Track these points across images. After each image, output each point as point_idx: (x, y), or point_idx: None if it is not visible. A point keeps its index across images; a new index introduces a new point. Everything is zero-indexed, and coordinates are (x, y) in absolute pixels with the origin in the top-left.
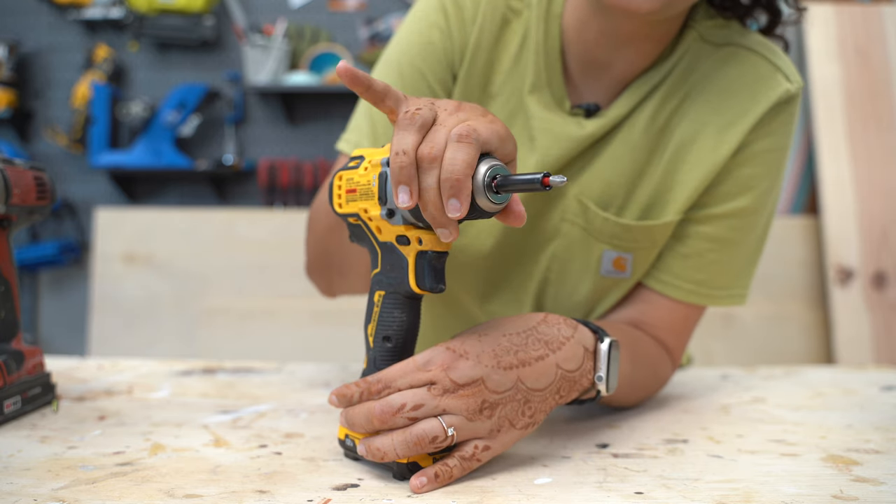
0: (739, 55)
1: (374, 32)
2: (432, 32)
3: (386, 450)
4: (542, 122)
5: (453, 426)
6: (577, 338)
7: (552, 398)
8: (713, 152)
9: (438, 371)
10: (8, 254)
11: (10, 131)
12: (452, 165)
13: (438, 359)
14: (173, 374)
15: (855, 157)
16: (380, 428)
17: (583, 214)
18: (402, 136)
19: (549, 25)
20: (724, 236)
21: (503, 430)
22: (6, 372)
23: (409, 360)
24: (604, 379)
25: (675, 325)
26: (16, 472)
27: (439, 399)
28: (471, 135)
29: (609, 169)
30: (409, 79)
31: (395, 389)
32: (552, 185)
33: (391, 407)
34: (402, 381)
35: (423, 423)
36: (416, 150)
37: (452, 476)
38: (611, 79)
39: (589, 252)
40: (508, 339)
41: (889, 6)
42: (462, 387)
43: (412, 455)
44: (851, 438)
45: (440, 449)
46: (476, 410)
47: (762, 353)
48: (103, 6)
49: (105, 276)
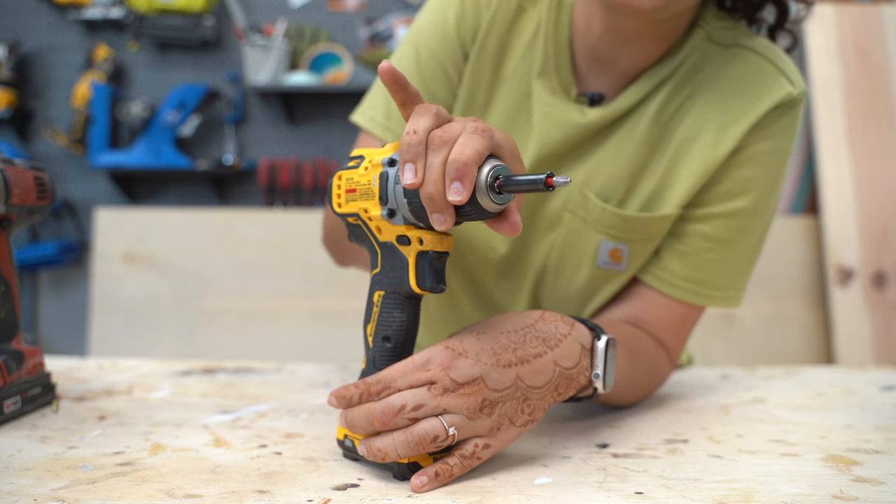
0: (745, 56)
1: (374, 32)
2: (448, 13)
3: (387, 450)
4: (545, 105)
5: (454, 425)
6: (574, 335)
7: (550, 395)
8: (712, 149)
9: (438, 370)
10: (8, 254)
11: (10, 131)
12: (463, 148)
13: (438, 358)
14: (173, 374)
15: (855, 157)
16: (381, 429)
17: (583, 205)
18: (417, 118)
19: (560, 14)
20: (721, 236)
21: (503, 427)
22: (6, 372)
23: (409, 359)
24: (600, 377)
25: (672, 323)
26: (16, 472)
27: (440, 398)
28: (487, 131)
29: (612, 161)
30: (425, 60)
31: (395, 390)
32: (555, 185)
33: (392, 408)
34: (401, 382)
35: (424, 423)
36: (428, 132)
37: (453, 475)
38: (616, 73)
39: (586, 242)
40: (506, 337)
41: (889, 6)
42: (462, 385)
43: (413, 455)
44: (851, 438)
45: (441, 448)
46: (476, 409)
47: (762, 353)
48: (103, 6)
49: (105, 276)
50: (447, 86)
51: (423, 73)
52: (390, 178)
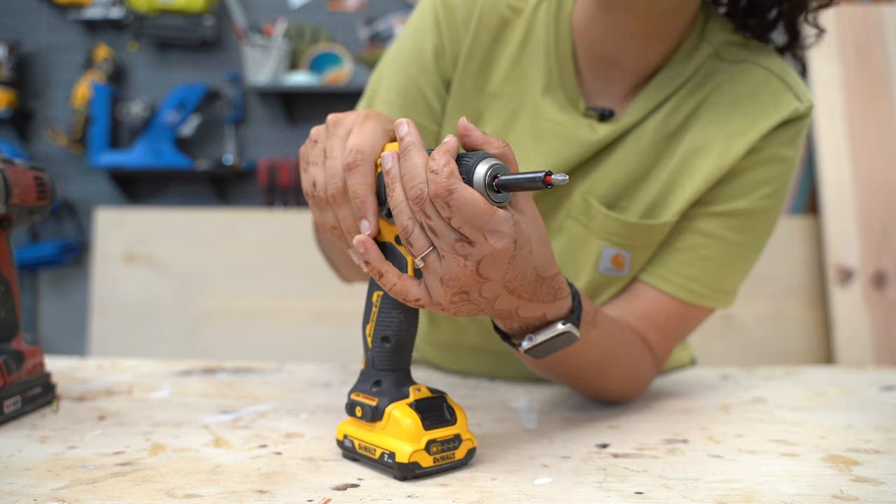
0: (753, 71)
1: (374, 32)
2: (425, 40)
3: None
4: (554, 125)
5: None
6: (558, 305)
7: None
8: (718, 159)
9: (482, 246)
10: (8, 254)
11: (10, 131)
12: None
13: (495, 244)
14: (173, 374)
15: (855, 157)
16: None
17: (586, 211)
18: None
19: (559, 26)
20: (717, 233)
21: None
22: (6, 372)
23: (481, 200)
24: (529, 343)
25: (659, 319)
26: (16, 472)
27: (455, 252)
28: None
29: (616, 170)
30: (404, 86)
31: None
32: (554, 183)
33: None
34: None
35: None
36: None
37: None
38: (621, 77)
39: (588, 249)
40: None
41: (889, 6)
42: (476, 275)
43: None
44: (851, 438)
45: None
46: (459, 289)
47: (762, 353)
48: (103, 6)
49: (105, 276)
50: (429, 113)
51: (401, 93)
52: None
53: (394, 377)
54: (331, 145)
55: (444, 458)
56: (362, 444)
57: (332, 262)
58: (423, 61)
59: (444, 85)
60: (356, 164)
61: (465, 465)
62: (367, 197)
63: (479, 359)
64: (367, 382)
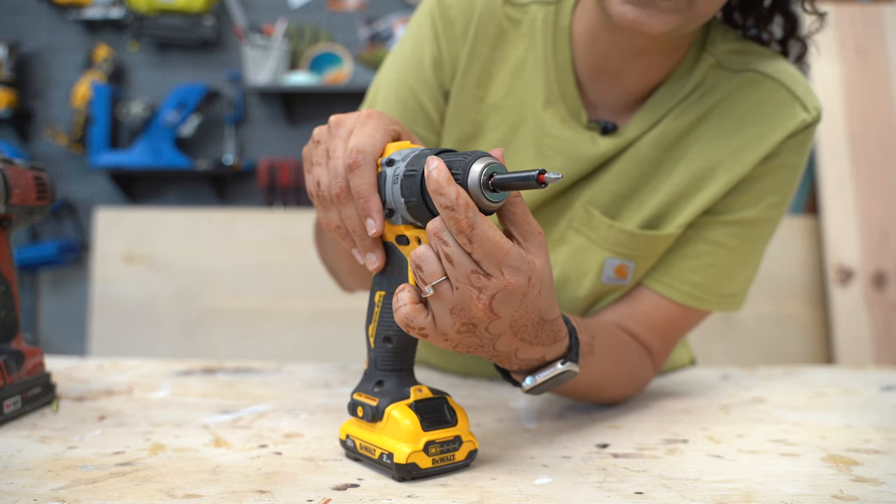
0: (758, 81)
1: (374, 32)
2: (423, 50)
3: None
4: (557, 141)
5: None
6: (555, 348)
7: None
8: (726, 174)
9: (498, 279)
10: (8, 254)
11: (10, 131)
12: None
13: (511, 278)
14: (173, 374)
15: (855, 157)
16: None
17: (588, 222)
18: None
19: (557, 38)
20: (724, 241)
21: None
22: (6, 372)
23: (505, 240)
24: (531, 383)
25: (661, 324)
26: (16, 472)
27: (469, 284)
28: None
29: (617, 181)
30: (403, 97)
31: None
32: (547, 181)
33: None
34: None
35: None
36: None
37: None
38: (623, 90)
39: (591, 259)
40: (533, 319)
41: (889, 6)
42: (486, 309)
43: None
44: (851, 438)
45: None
46: (467, 323)
47: (762, 353)
48: (103, 6)
49: (105, 276)
50: (427, 123)
51: (400, 104)
52: (388, 178)
53: (396, 377)
54: (333, 146)
55: (443, 460)
56: (363, 444)
57: (333, 271)
58: (422, 72)
59: (443, 95)
60: (357, 165)
61: (465, 466)
62: (371, 196)
63: (479, 359)
64: (370, 382)
